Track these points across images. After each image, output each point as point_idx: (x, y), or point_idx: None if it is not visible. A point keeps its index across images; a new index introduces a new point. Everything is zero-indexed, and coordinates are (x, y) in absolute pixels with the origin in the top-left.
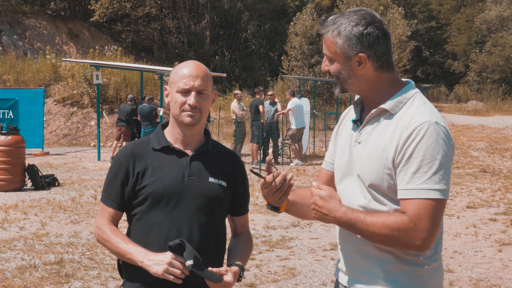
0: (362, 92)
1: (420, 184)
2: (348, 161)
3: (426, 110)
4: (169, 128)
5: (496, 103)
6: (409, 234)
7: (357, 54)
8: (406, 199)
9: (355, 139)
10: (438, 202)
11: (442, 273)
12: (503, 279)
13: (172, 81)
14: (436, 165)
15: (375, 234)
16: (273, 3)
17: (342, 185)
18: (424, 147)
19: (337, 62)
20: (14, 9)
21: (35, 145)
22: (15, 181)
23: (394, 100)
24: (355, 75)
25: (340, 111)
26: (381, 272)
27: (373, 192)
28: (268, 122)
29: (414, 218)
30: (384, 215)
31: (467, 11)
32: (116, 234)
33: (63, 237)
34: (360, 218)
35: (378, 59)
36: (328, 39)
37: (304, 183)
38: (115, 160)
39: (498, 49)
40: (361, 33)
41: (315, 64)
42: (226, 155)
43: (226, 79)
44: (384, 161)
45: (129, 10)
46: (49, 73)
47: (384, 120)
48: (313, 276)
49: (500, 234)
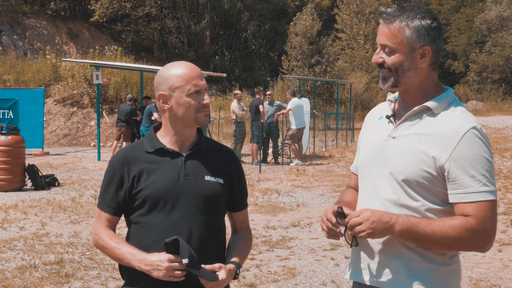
0: (412, 87)
1: (480, 187)
2: (378, 156)
3: (470, 116)
4: (164, 130)
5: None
6: (478, 236)
7: (423, 46)
8: (468, 202)
9: (388, 134)
10: (495, 203)
11: (460, 274)
12: (503, 279)
13: (175, 86)
14: (490, 168)
15: (442, 238)
16: (273, 3)
17: (367, 179)
18: (478, 151)
19: (400, 53)
20: (14, 9)
21: (35, 145)
22: (15, 181)
23: (437, 100)
24: (416, 68)
25: (340, 111)
26: (404, 269)
27: (405, 187)
28: (267, 122)
29: (481, 219)
30: (448, 219)
31: (467, 11)
32: (113, 239)
33: (63, 237)
34: (423, 222)
35: (436, 55)
36: (394, 28)
37: (304, 183)
38: (109, 166)
39: (498, 49)
40: (429, 26)
41: (315, 64)
42: (220, 151)
43: (226, 79)
44: (425, 158)
45: (129, 10)
46: (49, 73)
47: (426, 118)
48: (313, 276)
49: (500, 234)
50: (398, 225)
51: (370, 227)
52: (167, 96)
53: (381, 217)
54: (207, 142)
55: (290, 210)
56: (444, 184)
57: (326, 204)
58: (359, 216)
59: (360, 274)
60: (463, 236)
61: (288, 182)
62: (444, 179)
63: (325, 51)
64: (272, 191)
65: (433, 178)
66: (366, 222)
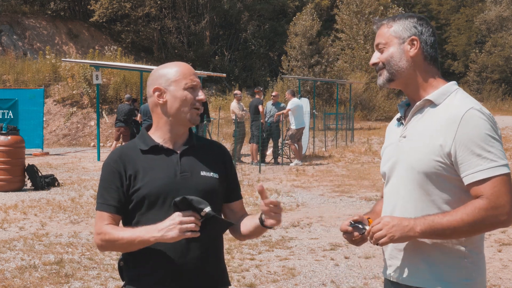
0: (410, 80)
1: (488, 163)
2: (395, 157)
3: (469, 100)
4: (156, 129)
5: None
6: (492, 213)
7: (410, 37)
8: (478, 181)
9: (400, 135)
10: (508, 176)
11: (484, 266)
12: (502, 279)
13: (173, 80)
14: (495, 143)
15: (460, 227)
16: (272, 4)
17: (388, 182)
18: (480, 130)
19: (391, 45)
20: (14, 9)
21: (35, 145)
22: (15, 181)
23: (438, 92)
24: (407, 57)
25: (339, 111)
26: (426, 266)
27: (425, 181)
28: (268, 123)
29: (493, 196)
30: (460, 208)
31: (466, 11)
32: (117, 228)
33: (62, 237)
34: (437, 219)
35: (428, 48)
36: (383, 27)
37: (303, 183)
38: (105, 167)
39: (497, 49)
40: (415, 21)
41: (315, 64)
42: (212, 147)
43: (226, 79)
44: (432, 148)
45: (128, 10)
46: (49, 73)
47: (429, 110)
48: (313, 276)
49: (499, 234)
50: (418, 226)
51: (390, 231)
52: (162, 90)
53: (400, 221)
54: (197, 138)
55: (289, 210)
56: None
57: (326, 204)
58: (380, 222)
59: (387, 271)
60: (478, 218)
61: (287, 182)
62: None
63: (324, 51)
64: (271, 191)
65: (446, 167)
66: (386, 227)
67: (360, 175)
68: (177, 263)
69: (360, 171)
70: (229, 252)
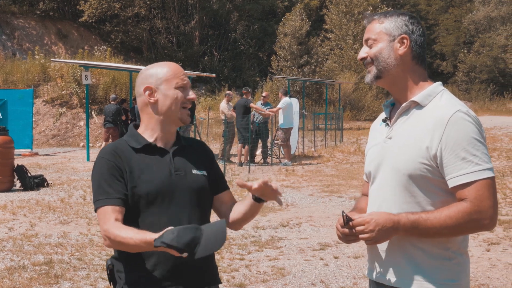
0: (397, 79)
1: (473, 167)
2: (379, 159)
3: (455, 101)
4: (146, 128)
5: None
6: (476, 217)
7: (401, 35)
8: (462, 184)
9: (385, 136)
10: (492, 180)
11: (468, 267)
12: (491, 278)
13: (164, 79)
14: (480, 147)
15: (443, 228)
16: (262, 4)
17: (373, 183)
18: (466, 133)
19: (380, 42)
20: (3, 9)
21: (24, 145)
22: (4, 182)
23: (424, 93)
24: (396, 55)
25: (329, 111)
26: (410, 267)
27: (410, 183)
28: (257, 123)
29: (476, 200)
30: (444, 209)
31: (455, 12)
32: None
33: (52, 238)
34: (422, 217)
35: (417, 48)
36: (374, 22)
37: (293, 183)
38: (101, 162)
39: (486, 49)
40: (407, 20)
41: (304, 65)
42: (197, 146)
43: (215, 80)
44: (418, 150)
45: (118, 11)
46: (38, 74)
47: (414, 112)
48: (302, 276)
49: (488, 234)
50: (401, 225)
51: (374, 236)
52: (153, 89)
53: (385, 224)
54: (184, 139)
55: (279, 210)
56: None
57: (315, 204)
58: (364, 225)
59: (372, 272)
60: (461, 221)
61: (277, 182)
62: (440, 168)
63: (314, 51)
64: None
65: (432, 170)
66: (372, 233)
67: (350, 175)
68: (173, 263)
69: (349, 171)
70: (219, 252)
